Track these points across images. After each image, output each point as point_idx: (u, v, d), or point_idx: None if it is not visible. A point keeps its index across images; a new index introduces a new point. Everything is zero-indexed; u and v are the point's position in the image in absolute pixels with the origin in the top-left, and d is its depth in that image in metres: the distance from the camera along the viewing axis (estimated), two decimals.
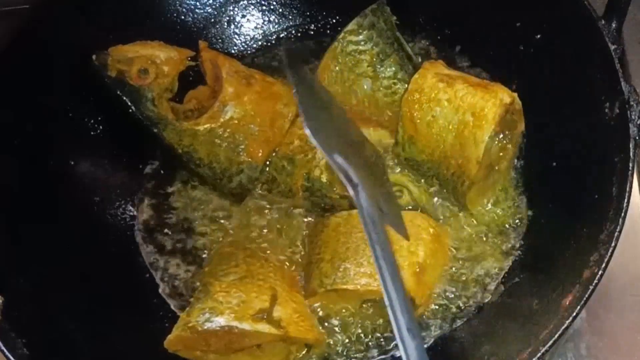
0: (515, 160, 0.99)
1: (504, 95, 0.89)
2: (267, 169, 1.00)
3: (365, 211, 0.71)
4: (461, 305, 0.93)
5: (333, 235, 0.92)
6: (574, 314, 0.76)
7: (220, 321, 0.84)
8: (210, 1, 1.11)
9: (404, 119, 0.95)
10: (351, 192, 0.72)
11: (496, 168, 0.95)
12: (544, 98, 0.93)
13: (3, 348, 0.77)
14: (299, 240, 0.98)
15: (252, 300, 0.86)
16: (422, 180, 0.98)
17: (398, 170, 0.99)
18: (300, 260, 0.96)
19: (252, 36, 1.14)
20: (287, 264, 0.96)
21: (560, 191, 0.93)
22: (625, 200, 0.79)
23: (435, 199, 0.98)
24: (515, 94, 0.91)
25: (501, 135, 0.92)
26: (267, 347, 0.88)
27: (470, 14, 1.02)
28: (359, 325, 0.93)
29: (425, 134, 0.93)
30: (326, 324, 0.93)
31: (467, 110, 0.90)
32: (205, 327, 0.84)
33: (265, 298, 0.87)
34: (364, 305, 0.93)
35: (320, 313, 0.93)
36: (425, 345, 0.92)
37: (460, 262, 0.95)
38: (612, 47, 0.85)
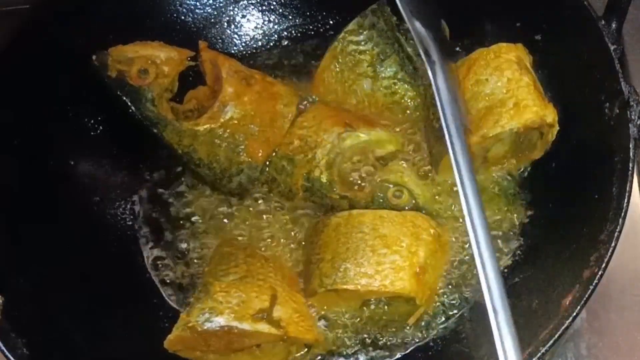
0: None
1: (550, 115, 0.89)
2: (267, 169, 1.00)
3: (440, 90, 0.67)
4: (462, 305, 0.93)
5: (333, 236, 0.92)
6: (574, 314, 0.76)
7: (220, 321, 0.84)
8: (210, 1, 1.11)
9: (463, 64, 0.94)
10: (428, 68, 0.67)
11: (485, 164, 0.96)
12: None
13: (3, 348, 0.77)
14: (299, 241, 0.98)
15: (252, 300, 0.86)
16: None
17: (400, 172, 0.99)
18: (300, 260, 0.96)
19: (252, 36, 1.14)
20: (288, 264, 0.96)
21: (560, 191, 0.93)
22: (625, 200, 0.79)
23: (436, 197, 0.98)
24: (557, 127, 0.90)
25: (515, 145, 0.93)
26: (266, 347, 0.88)
27: (470, 14, 1.02)
28: (360, 325, 0.93)
29: (465, 85, 0.92)
30: (327, 324, 0.93)
31: (514, 97, 0.89)
32: (205, 327, 0.83)
33: (265, 298, 0.86)
34: (364, 306, 0.93)
35: (321, 313, 0.93)
36: (425, 345, 0.92)
37: (461, 262, 0.94)
38: (612, 47, 0.85)
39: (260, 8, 1.13)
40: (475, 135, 0.90)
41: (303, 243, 0.97)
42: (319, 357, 0.91)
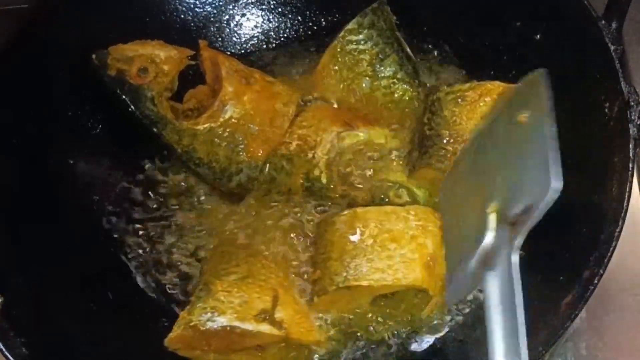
0: None
1: None
2: (267, 169, 1.00)
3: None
4: (462, 305, 0.93)
5: (338, 235, 0.91)
6: (574, 314, 0.76)
7: (222, 321, 0.84)
8: (210, 0, 1.11)
9: (475, 88, 0.94)
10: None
11: None
12: None
13: (3, 348, 0.77)
14: (299, 241, 0.97)
15: (254, 300, 0.86)
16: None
17: (399, 171, 0.99)
18: (301, 260, 0.96)
19: (251, 35, 1.14)
20: (287, 264, 0.96)
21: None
22: (625, 200, 0.79)
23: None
24: None
25: None
26: (267, 348, 0.88)
27: (471, 14, 1.02)
28: (371, 324, 0.92)
29: (473, 108, 0.93)
30: (335, 324, 0.92)
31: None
32: (208, 327, 0.83)
33: (267, 299, 0.86)
34: (374, 305, 0.92)
35: (329, 315, 0.92)
36: (426, 345, 0.92)
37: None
38: (612, 47, 0.84)
39: (260, 7, 1.13)
40: None
41: (302, 244, 0.97)
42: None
